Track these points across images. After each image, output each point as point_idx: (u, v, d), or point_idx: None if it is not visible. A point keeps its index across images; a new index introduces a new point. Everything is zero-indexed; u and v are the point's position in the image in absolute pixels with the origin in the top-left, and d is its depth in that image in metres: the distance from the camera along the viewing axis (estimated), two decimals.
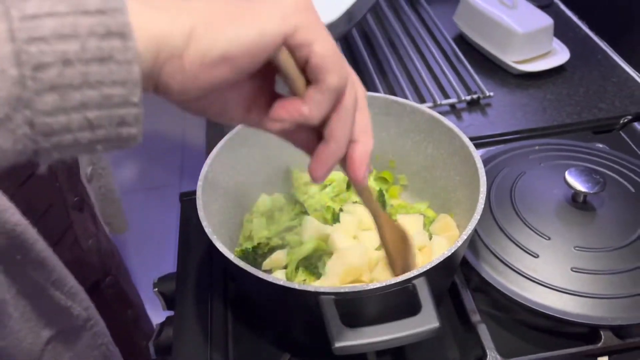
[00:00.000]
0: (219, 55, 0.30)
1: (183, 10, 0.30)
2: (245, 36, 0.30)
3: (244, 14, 0.31)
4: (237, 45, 0.30)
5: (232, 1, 0.32)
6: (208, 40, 0.30)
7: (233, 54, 0.30)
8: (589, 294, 0.61)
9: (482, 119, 0.93)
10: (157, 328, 0.74)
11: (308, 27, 0.33)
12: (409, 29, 1.15)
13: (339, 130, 0.36)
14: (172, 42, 0.29)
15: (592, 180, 0.67)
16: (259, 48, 0.31)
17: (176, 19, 0.29)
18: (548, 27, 1.01)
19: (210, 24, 0.30)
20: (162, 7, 0.29)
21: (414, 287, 0.50)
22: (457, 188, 0.66)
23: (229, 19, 0.30)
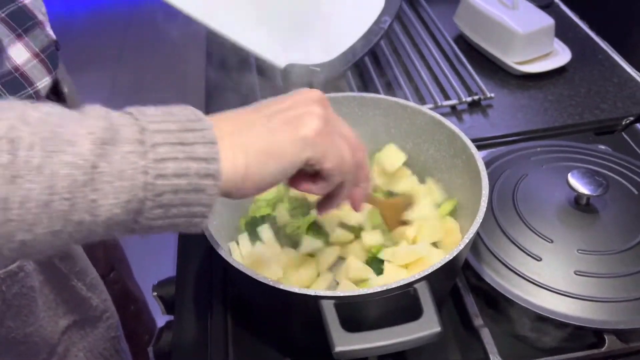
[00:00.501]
0: (263, 184, 0.44)
1: (239, 148, 0.42)
2: (279, 169, 0.44)
3: (275, 149, 0.44)
4: (271, 177, 0.44)
5: (268, 132, 0.44)
6: (256, 176, 0.43)
7: (271, 182, 0.45)
8: (592, 297, 0.61)
9: (483, 120, 0.93)
10: (157, 332, 0.73)
11: (321, 151, 0.45)
12: (409, 30, 1.14)
13: (340, 194, 0.51)
14: (236, 177, 0.42)
15: (595, 182, 0.66)
16: (286, 174, 0.45)
17: (237, 158, 0.42)
18: (549, 27, 1.00)
19: (256, 162, 0.43)
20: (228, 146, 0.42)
21: (415, 291, 0.49)
22: (458, 191, 0.65)
23: (267, 156, 0.43)
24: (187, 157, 0.39)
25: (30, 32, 0.60)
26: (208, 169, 0.39)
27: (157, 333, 0.73)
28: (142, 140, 0.38)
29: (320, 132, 0.45)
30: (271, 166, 0.44)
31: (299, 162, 0.45)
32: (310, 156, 0.45)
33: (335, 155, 0.46)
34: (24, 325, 0.54)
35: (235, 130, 0.43)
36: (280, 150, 0.44)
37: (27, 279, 0.53)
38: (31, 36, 0.60)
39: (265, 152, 0.43)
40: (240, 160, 0.42)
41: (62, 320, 0.59)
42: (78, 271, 0.60)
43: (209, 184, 0.40)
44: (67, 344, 0.60)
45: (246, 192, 0.44)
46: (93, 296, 0.62)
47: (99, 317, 0.63)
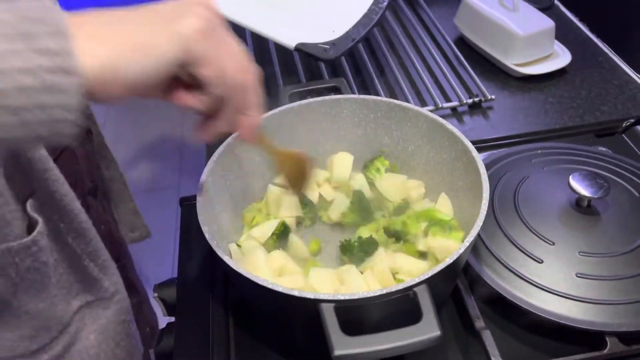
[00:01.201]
0: (134, 83, 0.39)
1: (101, 44, 0.38)
2: (150, 67, 0.39)
3: (146, 44, 0.39)
4: (143, 75, 0.39)
5: (139, 27, 0.40)
6: (122, 73, 0.38)
7: (142, 81, 0.40)
8: (594, 299, 0.61)
9: (483, 122, 0.93)
10: (158, 334, 0.73)
11: (198, 51, 0.41)
12: (409, 31, 1.15)
13: (222, 115, 0.47)
14: (98, 74, 0.37)
15: (596, 184, 0.66)
16: (159, 73, 0.40)
17: (98, 52, 0.37)
18: (549, 29, 1.00)
19: (122, 57, 0.38)
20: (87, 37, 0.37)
21: (414, 294, 0.49)
22: (459, 193, 0.65)
23: (136, 50, 0.39)
24: (30, 50, 0.33)
25: None
26: (59, 64, 0.34)
27: (158, 335, 0.73)
28: None
29: (201, 31, 0.41)
30: (141, 60, 0.39)
31: (173, 60, 0.40)
32: (186, 55, 0.41)
33: (216, 62, 0.42)
34: (37, 300, 0.54)
35: (97, 22, 0.38)
36: (152, 43, 0.39)
37: (40, 253, 0.52)
38: None
39: (134, 45, 0.38)
40: (104, 53, 0.37)
41: (74, 301, 0.59)
42: (91, 251, 0.60)
43: (66, 81, 0.35)
44: (78, 325, 0.60)
45: (114, 92, 0.38)
46: (105, 278, 0.62)
47: (110, 299, 0.63)
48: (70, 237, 0.57)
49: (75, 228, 0.57)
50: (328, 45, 0.85)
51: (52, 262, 0.54)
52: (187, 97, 0.45)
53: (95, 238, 0.60)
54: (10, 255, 0.50)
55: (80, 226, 0.58)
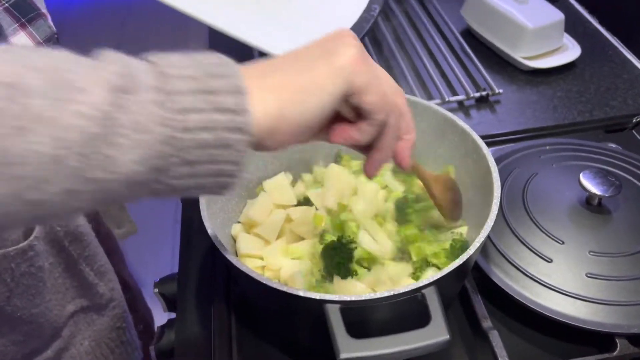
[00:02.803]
0: (300, 127, 0.39)
1: (269, 91, 0.38)
2: (318, 105, 0.39)
3: (311, 83, 0.39)
4: (311, 116, 0.39)
5: (300, 69, 0.40)
6: (292, 117, 0.38)
7: (308, 123, 0.39)
8: (604, 300, 0.59)
9: (490, 116, 0.91)
10: (158, 331, 0.72)
11: (361, 81, 0.41)
12: (415, 22, 1.13)
13: (385, 144, 0.45)
14: (269, 123, 0.37)
15: (607, 182, 0.65)
16: (326, 109, 0.40)
17: (268, 101, 0.37)
18: (559, 22, 0.98)
19: (291, 101, 0.38)
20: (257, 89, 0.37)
21: (423, 296, 0.48)
22: (468, 190, 0.63)
23: (301, 96, 0.39)
24: (212, 109, 0.34)
25: (34, 22, 0.59)
26: (236, 122, 0.35)
27: (159, 331, 0.72)
28: (161, 87, 0.33)
29: (358, 60, 0.41)
30: (308, 104, 0.39)
31: (338, 94, 0.40)
32: (350, 87, 0.40)
33: (377, 87, 0.42)
34: (31, 306, 0.53)
35: (264, 73, 0.39)
36: (317, 83, 0.39)
37: (36, 258, 0.51)
38: (34, 26, 0.59)
39: (300, 89, 0.39)
40: (272, 103, 0.38)
41: (69, 305, 0.59)
42: (87, 256, 0.59)
43: (238, 138, 0.35)
44: (72, 329, 0.59)
45: (282, 140, 0.39)
46: (100, 283, 0.61)
47: (105, 306, 0.63)
48: (66, 241, 0.56)
49: (72, 232, 0.56)
50: None
51: (47, 267, 0.54)
52: (349, 131, 0.44)
53: (92, 243, 0.59)
54: (6, 260, 0.49)
55: (77, 230, 0.57)
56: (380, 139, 0.45)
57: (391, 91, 0.44)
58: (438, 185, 0.60)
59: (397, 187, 0.68)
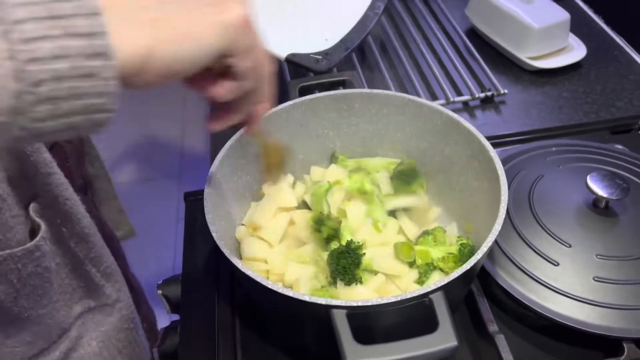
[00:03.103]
0: (170, 72, 0.37)
1: (143, 27, 0.35)
2: (193, 56, 0.38)
3: (189, 34, 0.37)
4: (183, 64, 0.38)
5: (182, 13, 0.37)
6: (163, 61, 0.36)
7: (180, 69, 0.38)
8: (611, 304, 0.59)
9: (495, 117, 0.90)
10: (162, 333, 0.72)
11: (242, 44, 0.40)
12: (419, 22, 1.12)
13: (242, 107, 0.47)
14: (136, 62, 0.35)
15: (614, 185, 0.64)
16: (201, 63, 0.39)
17: (137, 37, 0.35)
18: (564, 21, 0.97)
19: (163, 46, 0.36)
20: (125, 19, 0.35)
21: (430, 301, 0.47)
22: (474, 193, 0.63)
23: (178, 39, 0.37)
24: (63, 34, 0.31)
25: None
26: (94, 47, 0.32)
27: (162, 333, 0.72)
28: (0, 18, 0.30)
29: (245, 22, 0.39)
30: (183, 51, 0.37)
31: (215, 50, 0.38)
32: (229, 46, 0.39)
33: (255, 53, 0.41)
34: (38, 306, 0.53)
35: (139, 5, 0.36)
36: (198, 33, 0.37)
37: (42, 258, 0.51)
38: None
39: (178, 33, 0.37)
40: (143, 38, 0.35)
41: (76, 306, 0.58)
42: (93, 257, 0.58)
43: (100, 64, 0.32)
44: (80, 330, 0.59)
45: (148, 80, 0.36)
46: (107, 284, 0.61)
47: (112, 306, 0.62)
48: (72, 242, 0.56)
49: (77, 233, 0.56)
50: (320, 55, 0.82)
51: (53, 267, 0.53)
52: (214, 87, 0.43)
53: (98, 244, 0.58)
54: (12, 261, 0.48)
55: (83, 231, 0.56)
56: (240, 101, 0.45)
57: (263, 58, 0.43)
58: (271, 149, 0.63)
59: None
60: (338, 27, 0.87)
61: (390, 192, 0.67)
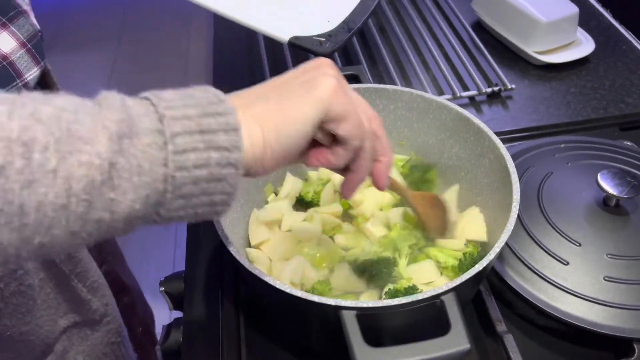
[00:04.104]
0: (285, 153, 0.42)
1: (254, 121, 0.40)
2: (299, 134, 0.41)
3: (292, 114, 0.41)
4: (291, 144, 0.41)
5: (281, 99, 0.42)
6: (276, 146, 0.41)
7: (292, 150, 0.42)
8: (622, 304, 0.58)
9: (503, 112, 0.89)
10: (164, 330, 0.71)
11: (338, 110, 0.42)
12: (424, 16, 1.10)
13: (361, 166, 0.47)
14: (255, 154, 0.40)
15: (625, 183, 0.63)
16: (307, 137, 0.42)
17: (253, 133, 0.40)
18: (573, 15, 0.96)
19: (275, 131, 0.40)
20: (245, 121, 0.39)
21: (442, 303, 0.46)
22: (483, 191, 0.62)
23: (285, 122, 0.41)
24: (208, 147, 0.37)
25: (15, 20, 0.58)
26: (229, 159, 0.37)
27: (165, 331, 0.71)
28: (161, 130, 0.35)
29: (335, 90, 0.43)
30: (290, 133, 0.41)
31: (317, 123, 0.42)
32: (327, 115, 0.42)
33: (353, 116, 0.44)
34: (21, 324, 0.52)
35: (248, 103, 0.41)
36: (297, 113, 0.41)
37: (25, 276, 0.51)
38: (16, 25, 0.58)
39: (281, 120, 0.41)
40: (257, 134, 0.40)
41: (62, 320, 0.58)
42: (79, 272, 0.58)
43: (231, 172, 0.38)
44: (65, 344, 0.58)
45: (267, 167, 0.41)
46: (94, 299, 0.60)
47: (99, 321, 0.62)
48: (57, 259, 0.55)
49: None
50: (324, 37, 0.79)
51: (37, 284, 0.53)
52: (326, 155, 0.46)
53: (85, 258, 0.58)
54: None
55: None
56: (356, 162, 0.47)
57: (367, 117, 0.46)
58: (421, 202, 0.62)
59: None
60: (340, 8, 0.85)
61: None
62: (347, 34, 0.80)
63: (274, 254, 0.62)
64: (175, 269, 0.75)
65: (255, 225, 0.65)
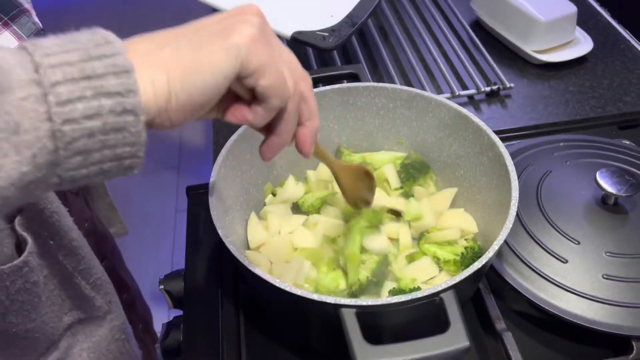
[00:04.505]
0: (192, 104, 0.37)
1: (160, 67, 0.36)
2: (209, 84, 0.37)
3: (203, 61, 0.37)
4: (201, 95, 0.37)
5: (193, 45, 0.38)
6: (183, 96, 0.37)
7: (202, 101, 0.38)
8: (620, 302, 0.58)
9: (501, 111, 0.89)
10: (164, 329, 0.71)
11: (256, 62, 0.39)
12: (423, 14, 1.10)
13: (283, 128, 0.44)
14: (159, 103, 0.36)
15: (624, 181, 0.63)
16: (219, 89, 0.38)
17: (156, 79, 0.35)
18: (571, 15, 0.96)
19: (181, 79, 0.36)
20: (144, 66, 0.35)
21: (441, 300, 0.47)
22: (482, 189, 0.62)
23: (193, 70, 0.37)
24: (97, 94, 0.32)
25: (17, 19, 0.58)
26: (125, 104, 0.33)
27: (164, 329, 0.71)
28: (37, 80, 0.31)
29: (256, 39, 0.39)
30: (199, 82, 0.37)
31: (231, 73, 0.38)
32: (244, 67, 0.38)
33: (274, 71, 0.40)
34: (26, 321, 0.52)
35: (152, 48, 0.37)
36: (208, 61, 0.37)
37: (31, 273, 0.50)
38: (18, 24, 0.58)
39: (190, 66, 0.37)
40: (161, 81, 0.36)
41: (66, 317, 0.58)
42: (82, 269, 0.57)
43: (130, 120, 0.34)
44: (70, 341, 0.58)
45: (174, 120, 0.37)
46: (97, 296, 0.60)
47: (103, 318, 0.61)
48: (60, 255, 0.54)
49: (65, 245, 0.55)
50: (327, 32, 0.78)
51: (42, 280, 0.52)
52: (243, 111, 0.42)
53: (87, 255, 0.57)
54: (1, 279, 0.47)
55: (72, 244, 0.55)
56: (278, 123, 0.43)
57: (293, 74, 0.42)
58: (347, 173, 0.59)
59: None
60: (344, 3, 0.83)
61: (398, 186, 0.66)
62: (351, 28, 0.79)
63: (274, 256, 0.62)
64: (174, 268, 0.75)
65: (254, 228, 0.65)
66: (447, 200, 0.66)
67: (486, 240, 0.62)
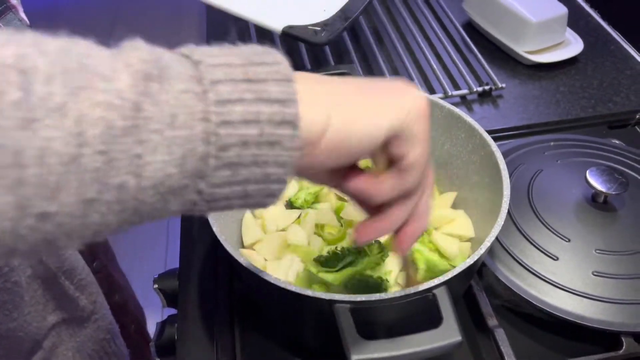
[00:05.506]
0: (347, 149, 0.34)
1: (321, 102, 0.33)
2: (368, 133, 0.34)
3: (367, 111, 0.34)
4: (360, 139, 0.34)
5: (362, 91, 0.35)
6: (339, 134, 0.33)
7: (357, 147, 0.34)
8: (610, 298, 0.59)
9: (493, 111, 0.90)
10: (158, 327, 0.71)
11: (416, 130, 0.36)
12: (416, 15, 1.11)
13: (394, 214, 0.39)
14: (313, 130, 0.32)
15: (613, 180, 0.64)
16: (376, 141, 0.34)
17: (316, 107, 0.32)
18: (562, 16, 0.97)
19: (342, 117, 0.33)
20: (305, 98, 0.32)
21: (434, 296, 0.47)
22: (474, 188, 0.63)
23: (357, 112, 0.34)
24: (257, 99, 0.29)
25: (3, 16, 0.57)
26: (284, 114, 0.30)
27: (159, 327, 0.71)
28: (198, 76, 0.29)
29: (424, 109, 0.36)
30: (360, 125, 0.33)
31: (392, 129, 0.34)
32: (401, 125, 0.35)
33: (426, 147, 0.36)
34: (8, 320, 0.52)
35: (317, 79, 0.34)
36: (373, 113, 0.34)
37: (11, 273, 0.50)
38: (4, 21, 0.57)
39: (353, 111, 0.34)
40: (320, 114, 0.32)
41: (50, 316, 0.57)
42: (66, 270, 0.57)
43: (286, 134, 0.30)
44: (55, 340, 0.58)
45: (316, 157, 0.33)
46: (81, 296, 0.60)
47: (87, 318, 0.61)
48: (44, 255, 0.54)
49: None
50: (319, 27, 0.75)
51: (24, 280, 0.52)
52: (370, 181, 0.38)
53: (71, 256, 0.57)
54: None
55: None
56: (392, 208, 0.39)
57: (426, 159, 0.38)
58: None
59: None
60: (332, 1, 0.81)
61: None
62: (344, 23, 0.76)
63: (268, 253, 0.63)
64: (167, 267, 0.76)
65: (248, 225, 0.65)
66: (447, 204, 0.66)
67: (478, 238, 0.62)
